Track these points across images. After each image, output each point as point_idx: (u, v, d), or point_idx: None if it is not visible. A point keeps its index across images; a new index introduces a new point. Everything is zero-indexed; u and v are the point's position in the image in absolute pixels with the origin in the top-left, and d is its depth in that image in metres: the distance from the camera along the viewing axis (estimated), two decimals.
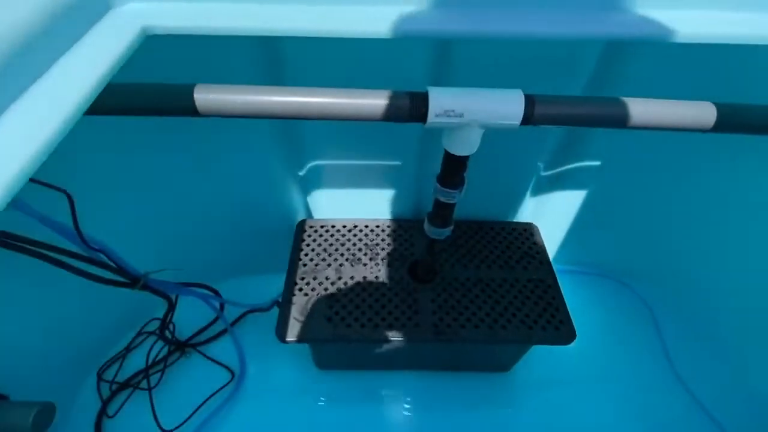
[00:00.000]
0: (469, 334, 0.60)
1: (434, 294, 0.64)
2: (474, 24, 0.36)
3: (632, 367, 0.81)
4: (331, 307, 0.62)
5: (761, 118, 0.41)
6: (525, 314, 0.62)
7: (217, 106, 0.36)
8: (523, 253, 0.70)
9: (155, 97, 0.37)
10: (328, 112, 0.38)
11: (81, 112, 0.25)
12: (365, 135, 0.62)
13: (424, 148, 0.66)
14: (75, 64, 0.27)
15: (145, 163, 0.63)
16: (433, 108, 0.37)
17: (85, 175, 0.57)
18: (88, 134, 0.54)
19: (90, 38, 0.30)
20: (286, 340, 0.59)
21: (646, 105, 0.40)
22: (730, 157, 0.63)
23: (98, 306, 0.72)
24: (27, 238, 0.46)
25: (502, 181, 0.71)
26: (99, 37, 0.30)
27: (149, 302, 0.76)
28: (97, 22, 0.32)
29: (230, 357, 0.80)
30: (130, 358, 0.79)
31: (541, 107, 0.38)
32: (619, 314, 0.88)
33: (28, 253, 0.46)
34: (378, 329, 0.60)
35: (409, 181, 0.73)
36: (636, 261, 0.86)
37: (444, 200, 0.49)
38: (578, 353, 0.81)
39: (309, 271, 0.67)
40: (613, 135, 0.65)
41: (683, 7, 0.38)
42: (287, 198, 0.76)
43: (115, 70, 0.28)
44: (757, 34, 0.37)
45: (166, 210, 0.71)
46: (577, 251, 0.87)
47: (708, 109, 0.40)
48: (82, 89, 0.26)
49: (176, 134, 0.60)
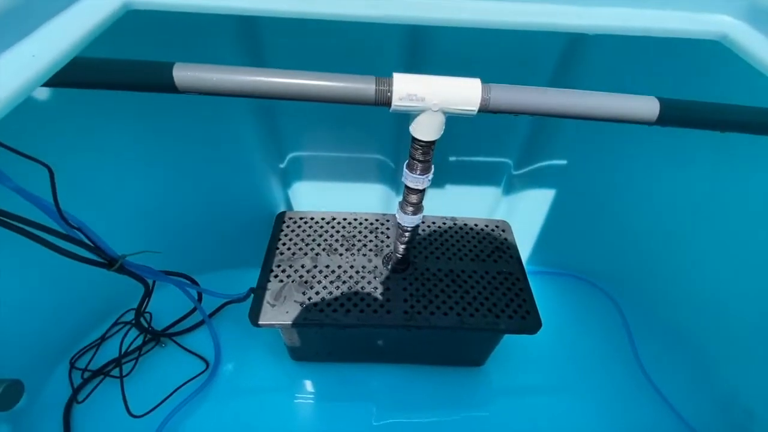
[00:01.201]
0: (438, 320, 0.62)
1: (406, 283, 0.66)
2: (441, 12, 0.40)
3: (602, 366, 0.83)
4: (304, 293, 0.64)
5: (701, 113, 0.44)
6: (492, 303, 0.64)
7: (192, 83, 0.38)
8: (494, 248, 0.73)
9: (137, 73, 0.39)
10: (300, 93, 0.40)
11: (46, 76, 0.27)
12: (343, 126, 0.65)
13: (401, 143, 0.69)
14: (48, 34, 0.30)
15: (127, 149, 0.65)
16: (397, 91, 0.40)
17: (69, 153, 0.58)
18: (78, 113, 0.57)
19: (71, 11, 0.32)
20: (258, 324, 0.60)
21: (597, 97, 0.43)
22: (696, 157, 0.66)
23: (74, 294, 0.72)
24: (2, 210, 0.47)
25: (474, 178, 0.74)
26: (80, 10, 0.32)
27: (127, 292, 0.77)
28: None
29: (206, 348, 0.80)
30: (105, 347, 0.79)
31: (497, 94, 0.41)
32: (590, 315, 0.90)
33: (2, 224, 0.47)
34: (350, 314, 0.61)
35: (387, 175, 0.76)
36: (605, 261, 0.89)
37: (412, 185, 0.52)
38: (549, 352, 0.83)
39: (285, 260, 0.68)
40: (577, 134, 0.69)
41: (619, 5, 0.42)
42: (268, 191, 0.78)
43: (88, 40, 0.30)
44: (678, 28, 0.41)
45: (147, 198, 0.73)
46: (549, 251, 0.90)
47: (652, 104, 0.43)
48: (49, 56, 0.27)
49: (159, 123, 0.63)
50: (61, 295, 0.70)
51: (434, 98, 0.41)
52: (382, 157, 0.73)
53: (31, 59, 0.27)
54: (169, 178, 0.72)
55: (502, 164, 0.73)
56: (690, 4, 0.43)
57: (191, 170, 0.72)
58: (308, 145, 0.70)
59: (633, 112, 0.43)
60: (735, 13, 0.43)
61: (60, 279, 0.67)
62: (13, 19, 0.29)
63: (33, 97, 0.51)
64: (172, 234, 0.80)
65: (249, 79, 0.39)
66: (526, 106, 0.42)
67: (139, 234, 0.74)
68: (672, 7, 0.43)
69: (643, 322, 0.87)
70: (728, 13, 0.43)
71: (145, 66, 0.39)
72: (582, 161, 0.72)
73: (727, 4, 0.43)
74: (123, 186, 0.69)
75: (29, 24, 0.30)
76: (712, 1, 0.43)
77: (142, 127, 0.62)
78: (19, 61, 0.27)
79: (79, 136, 0.58)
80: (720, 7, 0.43)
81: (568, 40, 0.56)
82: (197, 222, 0.81)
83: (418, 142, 0.47)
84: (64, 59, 0.28)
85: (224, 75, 0.39)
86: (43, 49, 0.28)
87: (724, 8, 0.43)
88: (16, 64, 0.27)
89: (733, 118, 0.43)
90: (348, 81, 0.40)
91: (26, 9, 0.30)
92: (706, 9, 0.43)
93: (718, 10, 0.43)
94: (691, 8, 0.43)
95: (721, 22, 0.43)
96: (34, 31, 0.30)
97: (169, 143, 0.67)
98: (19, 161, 0.39)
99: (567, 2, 0.42)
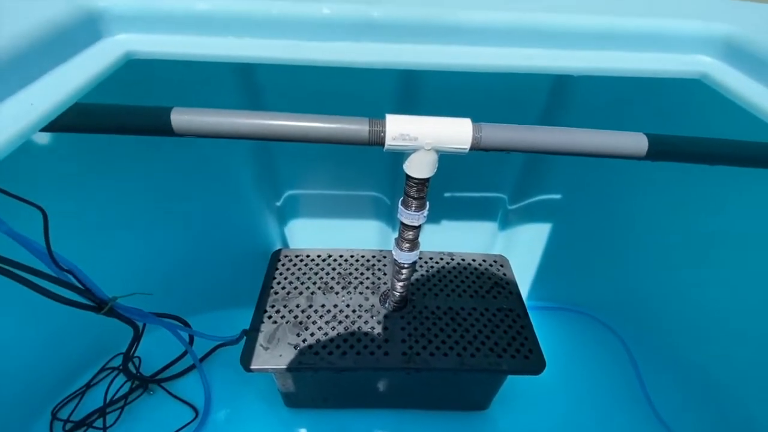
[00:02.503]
0: (438, 362, 0.59)
1: (404, 322, 0.64)
2: (429, 57, 0.41)
3: (611, 404, 0.79)
4: (299, 335, 0.62)
5: (688, 147, 0.45)
6: (494, 342, 0.62)
7: (189, 126, 0.39)
8: (493, 284, 0.71)
9: (135, 118, 0.40)
10: (295, 135, 0.41)
11: (43, 123, 0.28)
12: (339, 164, 0.66)
13: (397, 180, 0.70)
14: (49, 83, 0.31)
15: (120, 189, 0.65)
16: (390, 132, 0.41)
17: (61, 194, 0.58)
18: (71, 155, 0.57)
19: (75, 60, 0.33)
20: (250, 368, 0.58)
21: (586, 134, 0.44)
22: (692, 186, 0.66)
23: (59, 339, 0.70)
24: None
25: (470, 213, 0.74)
26: (83, 59, 0.34)
27: (116, 336, 0.74)
28: (86, 48, 0.36)
29: (197, 394, 0.77)
30: (90, 395, 0.75)
31: (488, 133, 0.42)
32: (594, 350, 0.87)
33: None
34: (346, 357, 0.59)
35: (383, 211, 0.76)
36: (606, 294, 0.87)
37: (408, 222, 0.51)
38: (555, 391, 0.80)
39: (280, 299, 0.67)
40: (571, 168, 0.70)
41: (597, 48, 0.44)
42: (264, 229, 0.78)
43: (88, 88, 0.31)
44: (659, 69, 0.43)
45: (140, 238, 0.72)
46: (549, 285, 0.89)
47: (640, 140, 0.44)
48: (48, 104, 0.28)
49: (154, 162, 0.63)
50: (45, 341, 0.67)
51: (426, 138, 0.41)
52: (378, 194, 0.73)
53: (29, 108, 0.28)
54: (163, 216, 0.71)
55: (497, 199, 0.74)
56: (670, 46, 0.45)
57: (185, 209, 0.72)
58: (304, 183, 0.71)
59: (622, 148, 0.44)
60: (713, 53, 0.45)
61: (43, 323, 0.65)
62: (17, 67, 0.30)
63: (28, 139, 0.51)
64: (165, 274, 0.78)
65: (245, 122, 0.40)
66: (517, 144, 0.43)
67: (130, 275, 0.72)
68: (653, 50, 0.45)
69: (649, 355, 0.84)
70: (706, 53, 0.45)
71: (142, 111, 0.39)
72: (577, 194, 0.73)
73: (705, 45, 0.45)
74: (115, 225, 0.68)
75: (32, 73, 0.31)
76: (691, 43, 0.45)
77: (136, 166, 0.63)
78: (17, 109, 0.27)
79: (72, 177, 0.59)
80: (698, 48, 0.45)
81: (555, 79, 0.58)
82: (191, 262, 0.80)
83: (412, 180, 0.47)
84: (62, 107, 0.29)
85: (221, 118, 0.39)
86: (43, 97, 0.29)
87: (703, 49, 0.45)
88: (14, 111, 0.27)
89: (719, 151, 0.44)
90: (342, 122, 0.41)
91: (30, 58, 0.31)
92: (685, 50, 0.45)
93: (697, 50, 0.45)
94: (671, 50, 0.45)
95: (701, 61, 0.45)
96: (37, 79, 0.31)
97: (164, 182, 0.67)
98: (6, 202, 0.39)
99: (553, 46, 0.44)
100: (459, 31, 0.41)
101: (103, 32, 0.38)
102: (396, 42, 0.41)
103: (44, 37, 0.31)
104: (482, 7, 0.42)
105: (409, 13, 0.40)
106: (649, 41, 0.44)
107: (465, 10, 0.41)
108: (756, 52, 0.40)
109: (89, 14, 0.36)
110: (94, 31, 0.37)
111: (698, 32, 0.44)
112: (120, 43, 0.37)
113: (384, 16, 0.40)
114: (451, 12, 0.41)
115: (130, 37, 0.38)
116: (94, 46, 0.36)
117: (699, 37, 0.45)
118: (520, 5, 0.44)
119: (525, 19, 0.42)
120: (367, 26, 0.40)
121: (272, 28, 0.40)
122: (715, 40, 0.44)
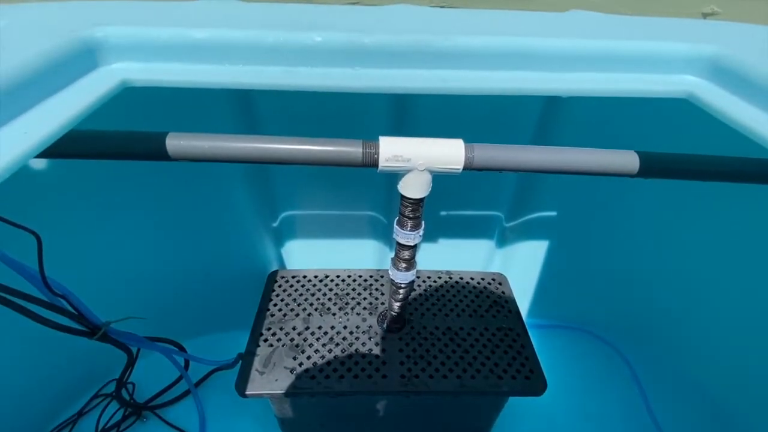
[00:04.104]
0: (437, 384, 0.58)
1: (403, 344, 0.63)
2: (424, 82, 0.42)
3: (616, 425, 0.77)
4: (295, 359, 0.60)
5: (679, 164, 0.45)
6: (494, 363, 0.61)
7: (184, 151, 0.40)
8: (492, 302, 0.71)
9: (130, 143, 0.40)
10: (290, 158, 0.41)
11: (38, 150, 0.28)
12: (335, 185, 0.66)
13: (392, 199, 0.70)
14: (45, 110, 0.31)
15: (114, 212, 0.65)
16: (384, 153, 0.41)
17: (55, 219, 0.58)
18: (65, 181, 0.58)
19: (71, 89, 0.34)
20: (246, 394, 0.57)
21: (577, 153, 0.44)
22: (691, 205, 0.67)
23: (50, 366, 0.68)
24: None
25: (467, 231, 0.74)
26: (79, 87, 0.34)
27: (109, 362, 0.73)
28: (82, 77, 0.36)
29: (191, 421, 0.75)
30: (82, 423, 0.73)
31: (480, 153, 0.42)
32: (596, 368, 0.86)
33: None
34: (343, 381, 0.58)
35: (380, 231, 0.76)
36: (607, 311, 0.87)
37: (403, 242, 0.51)
38: (558, 413, 0.78)
39: (276, 322, 0.66)
40: (566, 186, 0.70)
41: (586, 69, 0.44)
42: (261, 250, 0.78)
43: (83, 116, 0.32)
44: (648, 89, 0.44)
45: (134, 261, 0.72)
46: (548, 303, 0.88)
47: (631, 158, 0.45)
48: (43, 132, 0.29)
49: (149, 185, 0.63)
50: (36, 368, 0.66)
51: (419, 159, 0.42)
52: (374, 214, 0.74)
53: (23, 136, 0.28)
54: (158, 239, 0.71)
55: (494, 217, 0.74)
56: (657, 67, 0.46)
57: (180, 231, 0.71)
58: (301, 204, 0.71)
59: (614, 166, 0.44)
60: (698, 73, 0.46)
61: (35, 349, 0.64)
62: (14, 96, 0.30)
63: None
64: (160, 297, 0.77)
65: (240, 146, 0.40)
66: (509, 164, 0.43)
67: (125, 298, 0.72)
68: (641, 71, 0.46)
69: (652, 373, 0.82)
70: (692, 73, 0.46)
71: (137, 136, 0.40)
72: (573, 210, 0.73)
73: (691, 66, 0.46)
74: (109, 249, 0.68)
75: (28, 101, 0.31)
76: (677, 64, 0.46)
77: (130, 190, 0.63)
78: (12, 137, 0.28)
79: (67, 203, 0.59)
80: (684, 68, 0.46)
81: (546, 99, 0.59)
82: (186, 284, 0.79)
83: (407, 200, 0.47)
84: (56, 135, 0.29)
85: (216, 143, 0.40)
86: (37, 125, 0.29)
87: (689, 69, 0.46)
88: (9, 139, 0.27)
89: (709, 168, 0.45)
90: (336, 145, 0.41)
91: (27, 87, 0.31)
92: (672, 71, 0.47)
93: (683, 71, 0.47)
94: (658, 71, 0.46)
95: (687, 81, 0.46)
96: (33, 107, 0.32)
97: (159, 204, 0.67)
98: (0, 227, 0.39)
99: (542, 69, 0.45)
100: (448, 56, 0.42)
101: (100, 62, 0.38)
102: (388, 67, 0.42)
103: (41, 68, 0.32)
104: (470, 33, 0.43)
105: (399, 40, 0.41)
106: (636, 63, 0.45)
107: (454, 36, 0.42)
108: (740, 71, 0.41)
109: (86, 45, 0.36)
110: (91, 61, 0.38)
111: (684, 53, 0.45)
112: (116, 72, 0.38)
113: (375, 43, 0.41)
114: (441, 38, 0.42)
115: (125, 66, 0.39)
116: (89, 75, 0.37)
117: (685, 58, 0.46)
118: (508, 29, 0.45)
119: (514, 43, 0.43)
120: (359, 53, 0.41)
121: (267, 55, 0.41)
122: (700, 60, 0.45)
